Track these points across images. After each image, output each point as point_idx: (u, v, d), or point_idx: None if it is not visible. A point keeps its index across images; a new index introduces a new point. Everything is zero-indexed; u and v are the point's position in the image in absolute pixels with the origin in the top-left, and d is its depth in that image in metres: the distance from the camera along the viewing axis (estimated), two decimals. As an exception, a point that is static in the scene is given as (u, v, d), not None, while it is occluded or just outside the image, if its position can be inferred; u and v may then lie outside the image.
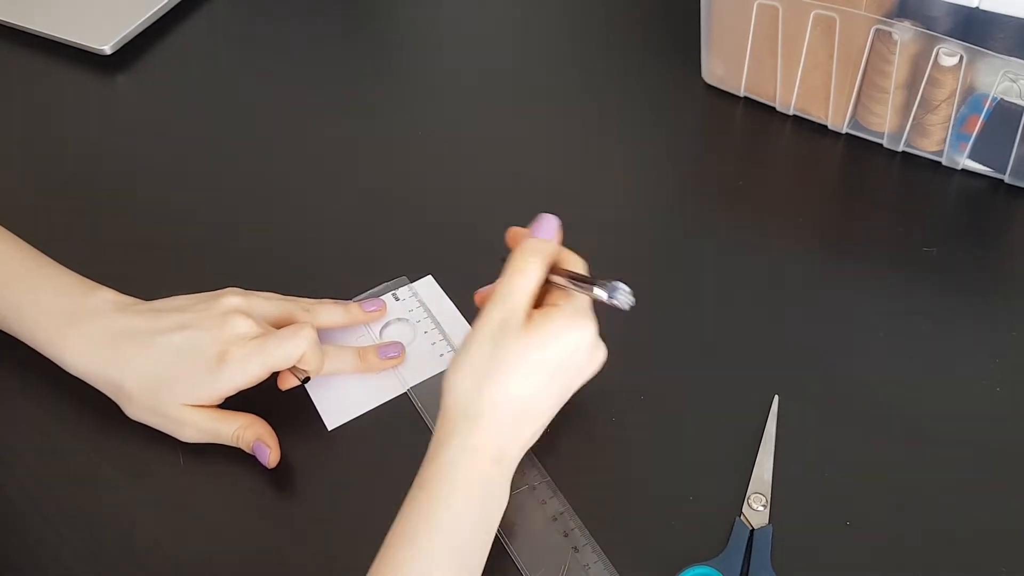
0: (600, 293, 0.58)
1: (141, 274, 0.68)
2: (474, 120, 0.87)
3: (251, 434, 0.63)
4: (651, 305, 0.72)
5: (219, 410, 0.64)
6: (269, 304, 0.66)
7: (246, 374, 0.62)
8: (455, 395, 0.57)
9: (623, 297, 0.58)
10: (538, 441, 0.63)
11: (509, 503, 0.60)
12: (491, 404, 0.57)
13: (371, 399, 0.67)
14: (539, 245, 0.60)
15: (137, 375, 0.63)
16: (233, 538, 0.61)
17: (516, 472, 0.61)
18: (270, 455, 0.63)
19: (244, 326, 0.63)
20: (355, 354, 0.66)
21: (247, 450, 0.63)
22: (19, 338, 0.67)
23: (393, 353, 0.68)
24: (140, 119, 0.89)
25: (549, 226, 0.62)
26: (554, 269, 0.61)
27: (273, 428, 0.65)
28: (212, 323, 0.63)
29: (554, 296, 0.60)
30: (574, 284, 0.59)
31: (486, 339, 0.57)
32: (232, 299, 0.64)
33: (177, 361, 0.62)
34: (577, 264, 0.62)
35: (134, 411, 0.64)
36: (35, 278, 0.66)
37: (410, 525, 0.54)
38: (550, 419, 0.61)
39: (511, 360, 0.57)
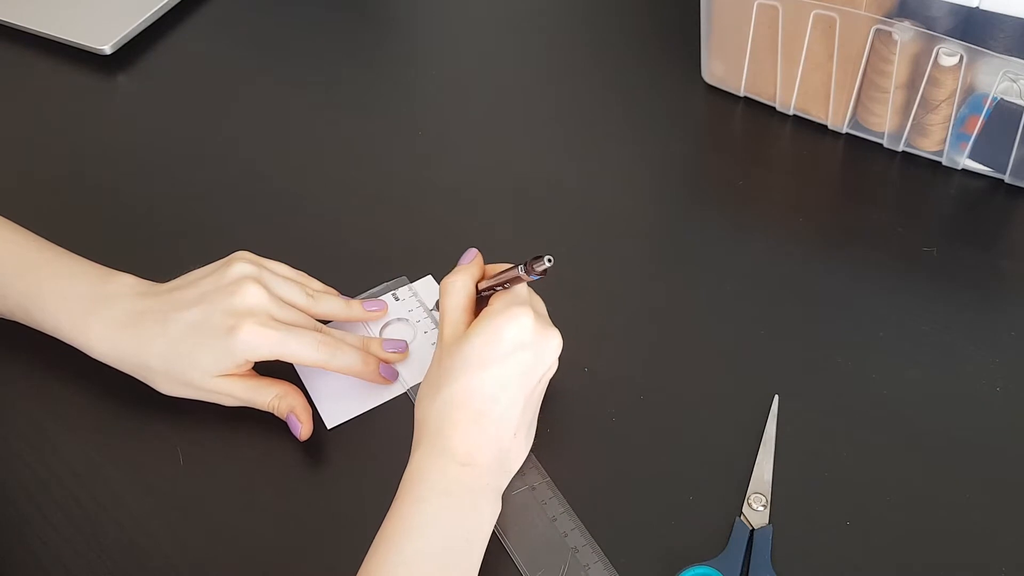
0: (519, 273, 0.60)
1: (140, 274, 0.68)
2: (474, 120, 0.87)
3: (285, 405, 0.65)
4: (651, 304, 0.72)
5: (253, 378, 0.65)
6: (279, 281, 0.66)
7: (258, 353, 0.63)
8: (418, 416, 0.60)
9: (538, 265, 0.59)
10: (538, 441, 0.63)
11: (509, 503, 0.60)
12: (445, 408, 0.59)
13: (371, 399, 0.67)
14: (459, 268, 0.64)
15: (159, 354, 0.63)
16: (233, 538, 0.61)
17: (516, 473, 0.61)
18: (302, 429, 0.64)
19: (255, 295, 0.63)
20: (360, 356, 0.66)
21: (282, 418, 0.65)
22: (39, 327, 0.67)
23: (394, 348, 0.68)
24: (140, 119, 0.89)
25: (468, 255, 0.65)
26: (484, 277, 0.64)
27: (272, 426, 0.65)
28: (224, 293, 0.63)
29: (491, 300, 0.62)
30: (498, 282, 0.62)
31: (436, 357, 0.61)
32: (243, 266, 0.65)
33: (193, 335, 0.62)
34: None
35: (166, 388, 0.65)
36: (54, 266, 0.67)
37: (387, 532, 0.55)
38: (523, 414, 0.61)
39: (456, 366, 0.59)
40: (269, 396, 0.64)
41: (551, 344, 0.61)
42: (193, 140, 0.86)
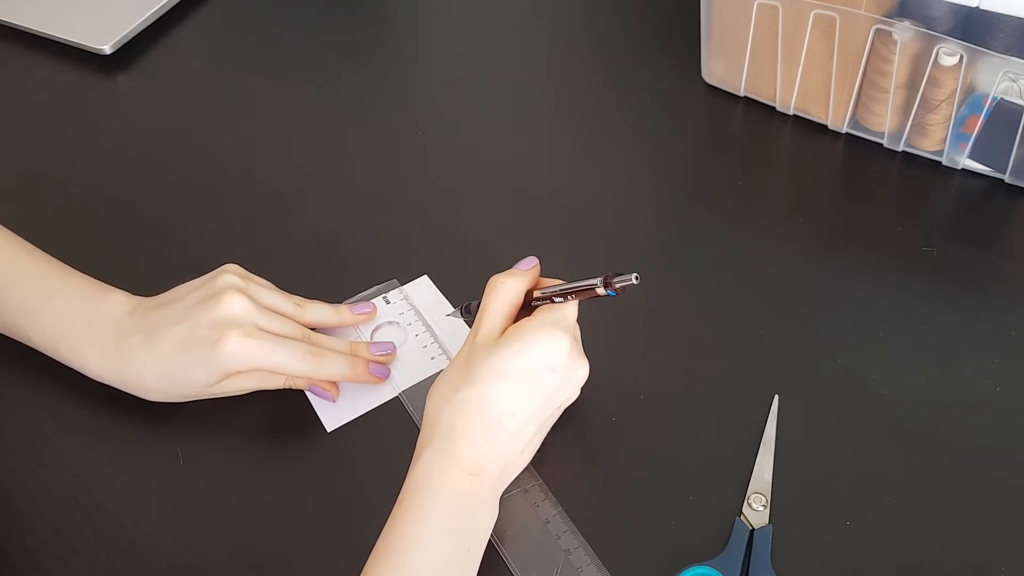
0: (594, 284, 0.58)
1: (139, 274, 0.68)
2: (474, 120, 0.87)
3: (303, 381, 0.65)
4: (650, 305, 0.72)
5: (257, 374, 0.64)
6: (265, 291, 0.66)
7: (243, 362, 0.62)
8: (430, 408, 0.59)
9: (619, 282, 0.57)
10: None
11: (502, 506, 0.59)
12: (462, 414, 0.57)
13: (368, 401, 0.67)
14: (513, 271, 0.62)
15: (152, 374, 0.63)
16: (232, 538, 0.61)
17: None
18: (332, 395, 0.65)
19: (239, 305, 0.63)
20: (347, 361, 0.66)
21: (303, 389, 0.66)
22: (35, 347, 0.66)
23: (382, 351, 0.68)
24: (140, 119, 0.89)
25: (527, 262, 0.63)
26: (538, 287, 0.62)
27: (273, 426, 0.65)
28: (208, 305, 0.63)
29: (536, 312, 0.61)
30: (559, 292, 0.60)
31: (462, 355, 0.60)
32: (229, 277, 0.64)
33: (182, 352, 0.62)
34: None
35: (168, 400, 0.65)
36: (49, 285, 0.66)
37: (389, 540, 0.55)
38: (535, 435, 0.61)
39: (482, 370, 0.58)
40: (280, 381, 0.64)
41: (578, 374, 0.61)
42: (193, 140, 0.86)
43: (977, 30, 0.71)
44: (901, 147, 0.80)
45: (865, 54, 0.76)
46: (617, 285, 0.57)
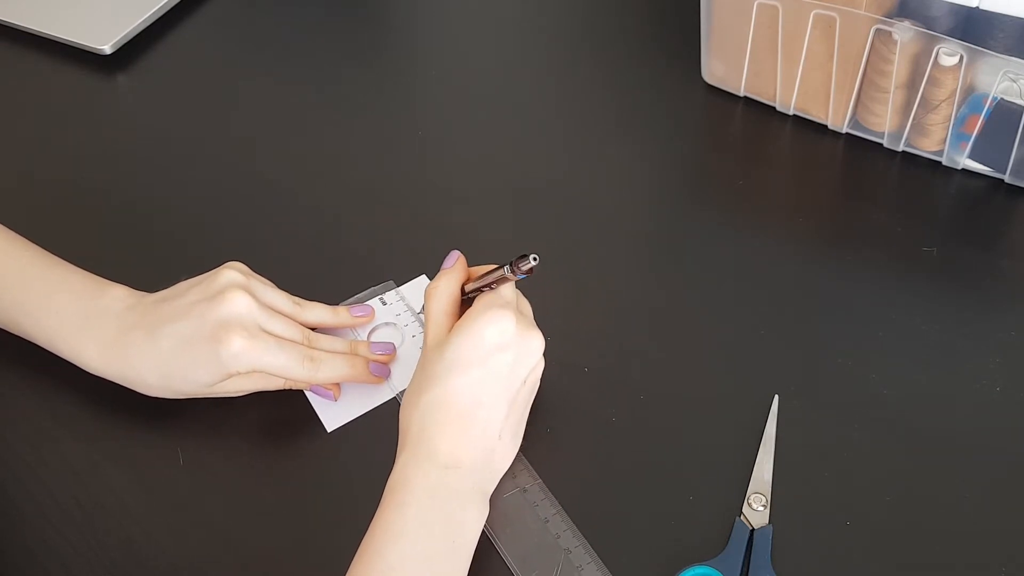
0: (505, 272, 0.59)
1: (139, 274, 0.68)
2: (474, 120, 0.87)
3: (303, 383, 0.65)
4: (651, 304, 0.72)
5: (257, 376, 0.64)
6: (266, 289, 0.66)
7: (243, 363, 0.62)
8: (402, 420, 0.60)
9: (523, 264, 0.58)
10: (539, 442, 0.63)
11: (500, 506, 0.60)
12: (428, 411, 0.58)
13: (369, 400, 0.67)
14: (442, 272, 0.64)
15: (152, 371, 0.63)
16: (233, 538, 0.61)
17: (507, 475, 0.61)
18: (334, 394, 0.66)
19: (242, 305, 0.63)
20: (346, 362, 0.66)
21: (304, 389, 0.66)
22: (34, 340, 0.66)
23: (382, 350, 0.68)
24: (140, 119, 0.89)
25: (451, 259, 0.65)
26: (472, 278, 0.63)
27: (273, 426, 0.65)
28: (212, 303, 0.62)
29: (475, 302, 0.62)
30: (485, 284, 0.61)
31: (419, 364, 0.61)
32: (231, 274, 0.64)
33: (183, 349, 0.62)
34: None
35: (168, 396, 0.65)
36: (48, 281, 0.66)
37: (370, 539, 0.55)
38: (509, 415, 0.60)
39: (438, 370, 0.59)
40: (282, 379, 0.65)
41: (532, 345, 0.61)
42: (193, 140, 0.86)
43: (977, 30, 0.71)
44: (901, 147, 0.80)
45: (865, 54, 0.76)
46: (524, 268, 0.58)
